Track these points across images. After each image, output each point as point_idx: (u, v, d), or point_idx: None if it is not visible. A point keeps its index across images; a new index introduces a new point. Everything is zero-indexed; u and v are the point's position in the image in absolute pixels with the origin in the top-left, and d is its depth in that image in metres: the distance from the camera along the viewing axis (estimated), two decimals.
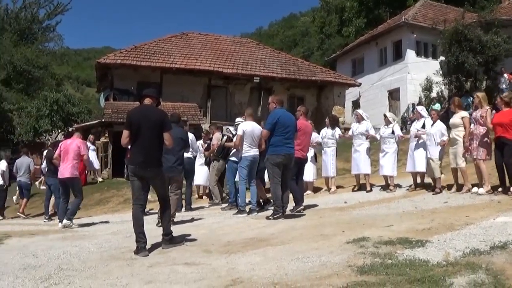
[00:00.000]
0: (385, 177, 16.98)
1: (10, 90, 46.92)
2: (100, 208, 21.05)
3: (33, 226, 15.39)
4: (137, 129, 9.24)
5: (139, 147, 9.29)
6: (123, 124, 10.12)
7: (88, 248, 9.93)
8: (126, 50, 35.97)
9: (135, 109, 9.88)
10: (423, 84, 39.72)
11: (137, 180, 9.34)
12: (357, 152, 17.59)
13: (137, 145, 9.31)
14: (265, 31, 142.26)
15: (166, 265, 7.77)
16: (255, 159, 13.94)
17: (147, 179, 9.49)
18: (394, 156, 16.74)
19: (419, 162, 15.94)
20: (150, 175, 9.42)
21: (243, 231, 10.75)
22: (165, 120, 9.67)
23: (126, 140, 9.40)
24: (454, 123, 14.79)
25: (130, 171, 9.49)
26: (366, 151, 17.44)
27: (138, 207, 9.42)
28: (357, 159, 17.62)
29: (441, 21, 39.21)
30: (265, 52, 41.83)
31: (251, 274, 6.71)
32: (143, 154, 9.24)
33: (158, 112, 9.72)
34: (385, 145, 16.81)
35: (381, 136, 17.09)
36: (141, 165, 9.25)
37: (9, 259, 9.17)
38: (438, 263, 6.40)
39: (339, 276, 6.16)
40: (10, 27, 62.53)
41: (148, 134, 9.27)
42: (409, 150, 16.52)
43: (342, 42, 62.63)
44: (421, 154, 15.91)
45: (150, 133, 9.29)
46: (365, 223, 10.13)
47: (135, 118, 9.37)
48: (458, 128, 14.59)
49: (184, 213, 15.82)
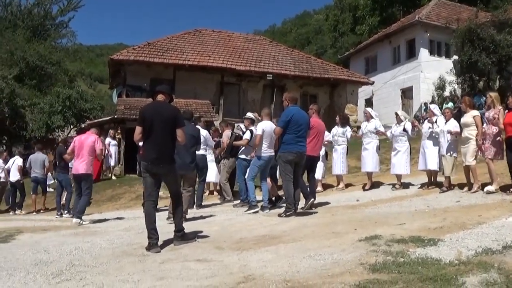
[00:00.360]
0: (398, 175, 16.97)
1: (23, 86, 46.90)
2: (112, 204, 21.10)
3: (45, 222, 15.42)
4: (150, 126, 9.23)
5: (151, 144, 9.28)
6: (136, 121, 10.13)
7: (100, 244, 9.95)
8: (139, 47, 36.05)
9: (148, 106, 9.87)
10: (436, 83, 39.76)
11: (149, 177, 9.35)
12: (366, 150, 17.63)
13: (149, 142, 9.31)
14: (278, 28, 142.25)
15: (178, 262, 7.77)
16: (270, 159, 13.98)
17: (160, 175, 9.50)
18: (406, 155, 16.71)
19: (431, 160, 15.93)
20: (163, 171, 9.42)
21: (255, 228, 10.74)
22: (178, 116, 9.65)
23: (139, 136, 9.42)
24: (466, 122, 14.77)
25: (142, 167, 9.48)
26: (375, 149, 17.45)
27: (151, 204, 9.43)
28: (365, 157, 17.64)
29: (454, 20, 39.16)
30: (278, 50, 41.83)
31: (263, 271, 6.71)
32: (155, 150, 9.22)
33: (171, 109, 9.71)
34: (397, 143, 16.79)
35: (393, 134, 17.07)
36: (154, 161, 9.23)
37: (20, 254, 9.20)
38: (450, 262, 6.39)
39: (351, 274, 6.15)
40: (23, 23, 62.51)
41: (160, 131, 9.25)
42: (421, 148, 16.49)
43: (355, 40, 62.63)
44: (433, 152, 15.90)
45: (162, 130, 9.27)
46: (378, 221, 10.12)
47: (148, 115, 9.35)
48: (470, 127, 14.57)
49: (196, 210, 15.83)
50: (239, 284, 6.21)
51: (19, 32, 57.21)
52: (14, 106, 40.23)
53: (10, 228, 13.55)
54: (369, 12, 63.21)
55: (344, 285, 5.63)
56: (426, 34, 43.05)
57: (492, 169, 13.86)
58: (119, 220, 15.11)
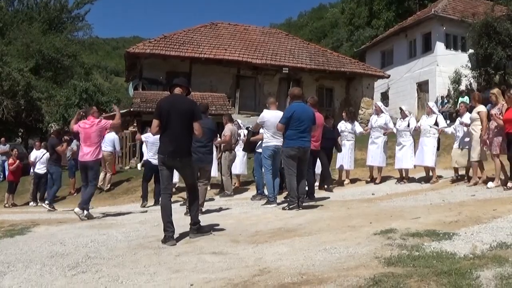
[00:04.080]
0: (400, 170, 17.08)
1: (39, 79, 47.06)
2: (127, 197, 21.15)
3: (61, 215, 15.46)
4: (167, 119, 9.25)
5: (168, 137, 9.30)
6: (152, 114, 10.15)
7: (116, 236, 9.99)
8: (155, 40, 36.09)
9: (165, 99, 9.90)
10: (452, 77, 39.68)
11: (166, 169, 9.38)
12: (374, 144, 17.91)
13: (166, 135, 9.33)
14: (294, 22, 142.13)
15: (193, 254, 7.80)
16: (277, 149, 13.96)
17: (177, 168, 9.60)
18: (411, 149, 16.82)
19: (428, 157, 16.14)
20: (180, 165, 9.47)
21: (270, 221, 10.74)
22: (195, 109, 9.66)
23: (156, 129, 9.45)
24: (472, 118, 14.95)
25: (159, 160, 9.50)
26: (383, 144, 17.54)
27: (167, 197, 9.45)
28: (372, 151, 17.87)
29: (470, 14, 39.03)
30: (294, 43, 41.76)
31: (278, 264, 6.72)
32: (173, 143, 9.24)
33: (188, 102, 9.75)
34: (402, 138, 16.96)
35: (397, 129, 17.22)
36: (171, 154, 9.25)
37: (36, 247, 9.25)
38: (465, 255, 6.37)
39: (366, 268, 6.15)
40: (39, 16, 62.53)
41: (178, 124, 9.28)
42: (419, 145, 16.60)
43: (371, 33, 62.37)
44: (430, 149, 16.10)
45: (180, 123, 9.30)
46: (393, 215, 10.10)
47: (165, 108, 9.38)
48: (474, 122, 14.71)
49: (212, 202, 15.85)
50: (254, 277, 6.23)
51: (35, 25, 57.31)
52: (30, 98, 40.43)
53: (26, 221, 13.60)
54: (385, 6, 62.95)
55: (359, 279, 5.62)
56: (442, 27, 42.91)
57: (498, 166, 13.98)
58: (135, 213, 15.15)
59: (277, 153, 13.96)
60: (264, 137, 14.46)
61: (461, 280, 5.31)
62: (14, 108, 39.66)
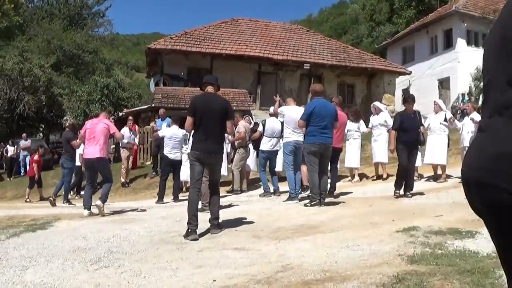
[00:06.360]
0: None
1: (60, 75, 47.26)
2: (149, 192, 21.14)
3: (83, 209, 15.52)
4: (202, 116, 9.41)
5: (204, 134, 9.48)
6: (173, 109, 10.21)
7: (138, 231, 10.04)
8: (176, 36, 36.09)
9: (200, 97, 10.01)
10: (474, 74, 39.45)
11: (199, 165, 9.52)
12: (376, 141, 18.04)
13: (202, 132, 9.50)
14: (315, 18, 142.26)
15: (216, 250, 7.83)
16: (298, 145, 14.02)
17: (210, 165, 9.76)
18: None
19: (439, 154, 16.07)
20: (214, 161, 9.73)
21: (292, 218, 10.77)
22: (229, 108, 9.91)
23: (190, 126, 9.62)
24: None
25: (193, 156, 9.59)
26: (385, 141, 17.54)
27: (196, 191, 9.58)
28: (376, 148, 18.03)
29: (491, 10, 38.82)
30: (315, 39, 41.67)
31: (301, 261, 6.71)
32: (208, 141, 9.45)
33: (222, 100, 10.01)
34: None
35: None
36: (206, 151, 9.45)
37: (58, 241, 9.32)
38: (487, 254, 6.34)
39: (389, 265, 6.14)
40: (60, 12, 62.76)
41: (212, 122, 9.47)
42: (428, 144, 16.55)
43: (392, 29, 62.21)
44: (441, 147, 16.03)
45: (214, 121, 9.49)
46: (415, 213, 10.11)
47: (200, 106, 9.55)
48: None
49: (233, 198, 15.87)
50: (277, 273, 6.22)
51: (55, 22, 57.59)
52: (51, 94, 40.61)
53: (47, 215, 13.67)
54: (406, 2, 62.67)
55: (383, 276, 5.61)
56: (463, 24, 42.76)
57: None
58: (157, 208, 15.15)
59: (298, 149, 13.96)
60: (284, 133, 14.61)
61: (484, 279, 5.29)
62: (35, 104, 39.79)
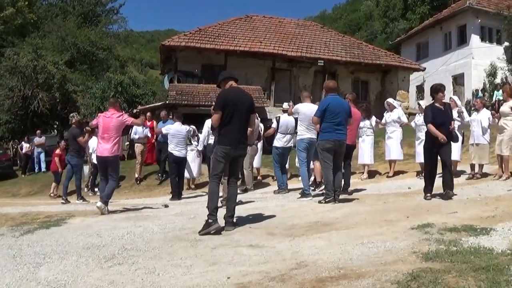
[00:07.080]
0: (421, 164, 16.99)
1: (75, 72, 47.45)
2: (163, 189, 21.20)
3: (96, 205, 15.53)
4: (232, 111, 9.50)
5: (235, 129, 9.57)
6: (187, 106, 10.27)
7: (152, 228, 10.05)
8: (190, 33, 36.12)
9: (230, 92, 9.98)
10: (488, 70, 39.42)
11: (224, 162, 9.62)
12: (390, 138, 18.17)
13: (232, 127, 9.56)
14: (329, 14, 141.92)
15: (230, 247, 7.80)
16: (312, 142, 14.05)
17: (237, 157, 9.89)
18: None
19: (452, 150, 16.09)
20: (241, 152, 9.91)
21: (306, 215, 10.73)
22: (253, 102, 10.12)
23: (218, 122, 9.62)
24: (503, 112, 14.85)
25: (222, 151, 9.58)
26: (398, 138, 17.73)
27: (216, 183, 9.67)
28: (389, 145, 18.13)
29: (505, 7, 38.74)
30: (329, 35, 41.60)
31: (315, 258, 6.68)
32: (238, 135, 9.61)
33: (249, 95, 10.21)
34: (420, 132, 16.79)
35: (416, 123, 17.26)
36: (236, 145, 9.58)
37: (72, 238, 9.36)
38: (502, 251, 6.30)
39: (404, 262, 6.10)
40: (74, 9, 63.15)
41: (241, 116, 9.59)
42: None
43: (406, 26, 62.10)
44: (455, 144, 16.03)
45: (242, 115, 9.63)
46: (430, 209, 10.09)
47: (231, 101, 9.61)
48: (507, 116, 14.59)
49: (247, 195, 15.88)
50: (292, 270, 6.18)
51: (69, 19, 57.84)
52: (65, 91, 40.74)
53: (61, 212, 13.72)
54: None
55: (397, 273, 5.57)
56: (477, 20, 42.65)
57: None
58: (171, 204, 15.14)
59: (312, 146, 13.96)
60: (298, 129, 14.67)
61: (499, 276, 5.23)
62: (50, 101, 39.90)
